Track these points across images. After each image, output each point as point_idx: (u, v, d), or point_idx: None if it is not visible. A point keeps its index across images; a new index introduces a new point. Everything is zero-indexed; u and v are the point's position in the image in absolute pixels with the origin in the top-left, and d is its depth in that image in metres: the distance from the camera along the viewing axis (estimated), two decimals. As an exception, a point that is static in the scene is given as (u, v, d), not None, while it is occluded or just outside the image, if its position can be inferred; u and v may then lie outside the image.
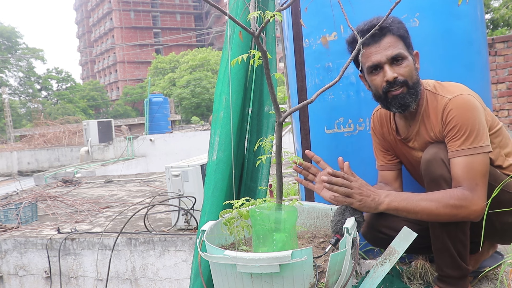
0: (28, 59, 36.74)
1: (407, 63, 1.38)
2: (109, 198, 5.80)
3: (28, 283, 3.91)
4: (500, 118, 5.58)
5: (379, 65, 1.39)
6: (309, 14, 1.86)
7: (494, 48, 5.51)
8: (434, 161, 1.33)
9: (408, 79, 1.38)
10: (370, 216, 1.57)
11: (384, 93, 1.40)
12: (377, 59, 1.39)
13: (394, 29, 1.38)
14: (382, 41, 1.38)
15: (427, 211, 1.29)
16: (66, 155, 13.91)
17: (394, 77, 1.37)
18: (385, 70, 1.38)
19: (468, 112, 1.31)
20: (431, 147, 1.38)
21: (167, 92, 32.15)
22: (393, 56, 1.37)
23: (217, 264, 1.19)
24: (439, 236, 1.37)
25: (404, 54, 1.38)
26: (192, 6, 53.87)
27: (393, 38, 1.38)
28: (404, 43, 1.40)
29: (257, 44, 1.15)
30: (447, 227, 1.34)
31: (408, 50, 1.41)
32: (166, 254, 3.46)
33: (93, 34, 55.41)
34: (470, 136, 1.29)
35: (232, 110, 1.78)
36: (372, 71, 1.42)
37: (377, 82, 1.42)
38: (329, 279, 1.15)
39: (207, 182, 1.82)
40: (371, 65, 1.41)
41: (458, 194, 1.27)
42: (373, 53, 1.39)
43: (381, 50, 1.38)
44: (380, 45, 1.38)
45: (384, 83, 1.39)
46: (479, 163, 1.28)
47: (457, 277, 1.39)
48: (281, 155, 1.31)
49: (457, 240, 1.35)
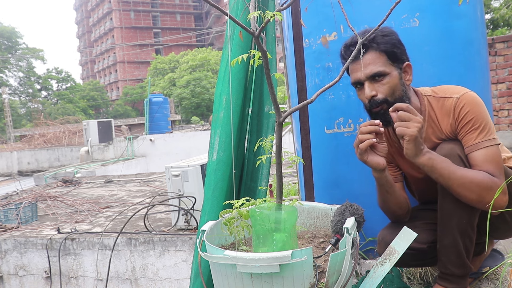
0: (28, 59, 36.74)
1: (387, 80, 1.38)
2: (109, 198, 5.80)
3: (28, 283, 3.91)
4: (500, 118, 5.58)
5: (360, 82, 1.41)
6: (309, 14, 1.86)
7: (494, 48, 5.51)
8: (450, 156, 1.33)
9: (388, 96, 1.38)
10: (388, 234, 1.51)
11: (368, 110, 1.43)
12: (358, 76, 1.41)
13: (375, 45, 1.37)
14: (364, 58, 1.38)
15: (461, 181, 1.28)
16: (66, 155, 13.90)
17: (372, 95, 1.38)
18: (365, 87, 1.40)
19: (479, 106, 1.34)
20: (446, 143, 1.38)
21: (167, 92, 32.15)
22: (372, 74, 1.38)
23: (217, 264, 1.19)
24: (450, 231, 1.36)
25: (385, 71, 1.37)
26: (192, 6, 53.87)
27: (374, 54, 1.38)
28: (388, 57, 1.38)
29: (257, 44, 1.15)
30: (458, 222, 1.34)
31: (394, 64, 1.39)
32: (166, 254, 3.46)
33: (93, 34, 55.40)
34: (485, 128, 1.32)
35: (232, 110, 1.78)
36: (357, 86, 1.45)
37: (361, 98, 1.45)
38: (329, 279, 1.15)
39: (207, 182, 1.82)
40: (353, 81, 1.44)
41: (490, 177, 1.28)
42: (355, 70, 1.42)
43: (361, 68, 1.39)
44: (361, 62, 1.39)
45: (366, 100, 1.41)
46: (497, 154, 1.31)
47: (460, 276, 1.39)
48: (281, 155, 1.31)
49: (466, 236, 1.36)
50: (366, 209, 1.40)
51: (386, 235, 1.51)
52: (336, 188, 1.95)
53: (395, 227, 1.49)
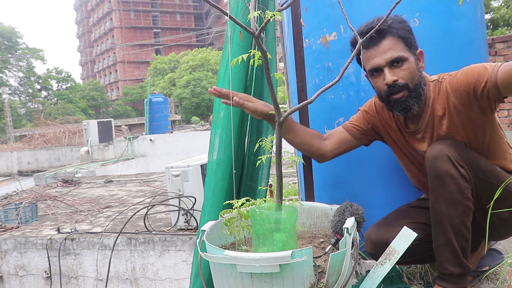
0: (28, 59, 36.73)
1: (407, 65, 1.38)
2: (109, 198, 5.80)
3: (28, 283, 3.91)
4: (500, 118, 5.58)
5: (379, 68, 1.40)
6: (309, 14, 1.85)
7: (494, 48, 5.51)
8: (439, 157, 1.33)
9: (409, 82, 1.38)
10: (375, 232, 1.52)
11: (386, 96, 1.41)
12: (377, 62, 1.39)
13: (393, 30, 1.38)
14: (381, 43, 1.38)
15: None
16: (66, 155, 13.90)
17: (394, 80, 1.37)
18: (385, 73, 1.39)
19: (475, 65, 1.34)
20: (436, 144, 1.38)
21: (167, 92, 32.16)
22: (392, 59, 1.37)
23: (217, 264, 1.19)
24: (444, 231, 1.36)
25: (404, 56, 1.38)
26: (192, 6, 53.86)
27: (392, 40, 1.38)
28: (405, 43, 1.39)
29: (257, 44, 1.15)
30: (451, 222, 1.34)
31: (410, 50, 1.40)
32: (166, 254, 3.46)
33: (93, 34, 55.40)
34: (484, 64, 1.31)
35: (232, 110, 1.78)
36: (373, 74, 1.43)
37: (378, 85, 1.43)
38: (329, 279, 1.15)
39: (207, 182, 1.82)
40: (370, 68, 1.42)
41: None
42: (373, 56, 1.40)
43: (380, 53, 1.38)
44: (379, 48, 1.38)
45: (385, 87, 1.40)
46: None
47: (458, 275, 1.39)
48: (281, 155, 1.31)
49: (461, 235, 1.35)
50: (366, 209, 1.40)
51: (371, 233, 1.53)
52: (336, 188, 1.95)
53: (381, 225, 1.53)
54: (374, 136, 1.64)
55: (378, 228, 1.52)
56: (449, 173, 1.32)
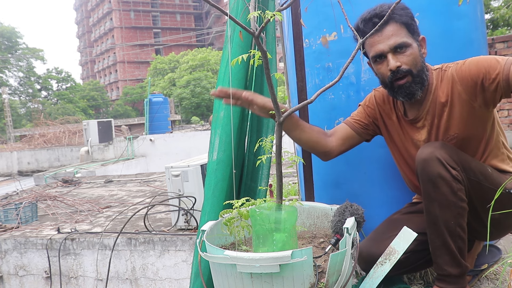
0: (28, 59, 36.73)
1: (411, 51, 1.39)
2: (109, 198, 5.80)
3: (28, 283, 3.91)
4: (500, 118, 5.58)
5: (383, 54, 1.41)
6: (309, 14, 1.85)
7: (494, 48, 5.51)
8: (430, 160, 1.32)
9: (412, 68, 1.39)
10: (367, 248, 1.50)
11: (390, 82, 1.42)
12: (380, 48, 1.40)
13: (396, 17, 1.38)
14: (384, 29, 1.39)
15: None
16: (66, 155, 13.90)
17: (397, 66, 1.38)
18: (388, 59, 1.39)
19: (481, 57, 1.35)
20: (426, 147, 1.37)
21: (167, 92, 32.16)
22: (396, 45, 1.38)
23: (217, 264, 1.19)
24: (439, 234, 1.36)
25: (408, 42, 1.39)
26: (192, 6, 53.87)
27: (396, 26, 1.39)
28: (408, 29, 1.40)
29: (257, 44, 1.15)
30: (446, 224, 1.34)
31: (413, 36, 1.41)
32: (166, 254, 3.46)
33: (93, 34, 55.40)
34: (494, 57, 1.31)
35: (232, 110, 1.78)
36: (376, 60, 1.44)
37: (382, 71, 1.43)
38: (329, 279, 1.15)
39: (207, 182, 1.82)
40: (374, 55, 1.42)
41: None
42: (376, 43, 1.40)
43: (384, 39, 1.39)
44: (383, 34, 1.39)
45: (388, 72, 1.40)
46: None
47: (457, 275, 1.39)
48: (281, 155, 1.31)
49: (457, 237, 1.35)
50: (366, 209, 1.40)
51: (362, 250, 1.50)
52: (336, 188, 1.95)
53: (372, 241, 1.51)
54: (375, 130, 1.64)
55: (369, 244, 1.51)
56: (441, 175, 1.31)
